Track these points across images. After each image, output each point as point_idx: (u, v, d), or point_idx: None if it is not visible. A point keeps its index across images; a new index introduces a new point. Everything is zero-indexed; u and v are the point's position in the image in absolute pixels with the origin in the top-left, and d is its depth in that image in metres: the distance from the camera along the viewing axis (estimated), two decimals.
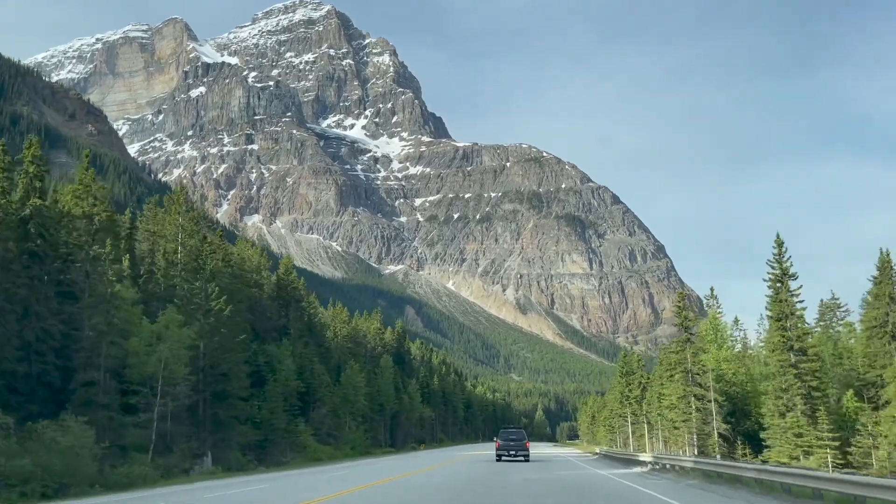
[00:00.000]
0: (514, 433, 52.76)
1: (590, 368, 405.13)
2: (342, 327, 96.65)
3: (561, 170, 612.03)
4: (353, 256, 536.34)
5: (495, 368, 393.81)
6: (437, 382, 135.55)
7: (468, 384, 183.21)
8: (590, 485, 29.61)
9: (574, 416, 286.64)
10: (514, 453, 49.98)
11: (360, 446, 74.69)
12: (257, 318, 65.59)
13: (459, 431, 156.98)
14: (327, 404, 70.11)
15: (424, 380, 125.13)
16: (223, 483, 33.73)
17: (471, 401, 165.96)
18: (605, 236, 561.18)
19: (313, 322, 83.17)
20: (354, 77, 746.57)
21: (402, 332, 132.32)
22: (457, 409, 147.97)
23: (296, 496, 24.94)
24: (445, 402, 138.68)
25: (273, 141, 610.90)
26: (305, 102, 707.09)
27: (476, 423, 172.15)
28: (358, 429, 77.88)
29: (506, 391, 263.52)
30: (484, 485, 28.67)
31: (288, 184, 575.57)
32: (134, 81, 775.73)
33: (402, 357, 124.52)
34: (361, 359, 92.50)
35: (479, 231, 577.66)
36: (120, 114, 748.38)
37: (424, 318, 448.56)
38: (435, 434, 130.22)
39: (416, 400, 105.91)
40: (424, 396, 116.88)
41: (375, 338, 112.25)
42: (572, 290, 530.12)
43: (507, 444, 50.76)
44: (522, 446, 50.41)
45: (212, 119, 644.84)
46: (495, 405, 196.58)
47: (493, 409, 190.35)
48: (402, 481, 31.41)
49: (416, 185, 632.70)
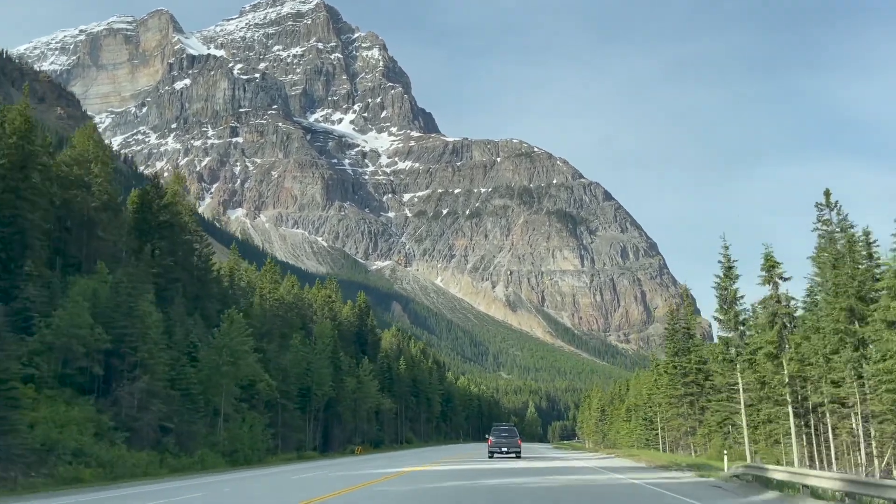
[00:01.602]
0: (507, 430, 53.43)
1: (581, 367, 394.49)
2: (271, 289, 75.75)
3: (552, 165, 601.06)
4: (340, 252, 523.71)
5: (484, 366, 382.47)
6: (405, 368, 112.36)
7: (450, 375, 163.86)
8: None
9: (567, 416, 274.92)
10: (506, 450, 50.83)
11: (249, 450, 49.53)
12: (73, 237, 47.36)
13: (435, 430, 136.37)
14: (157, 374, 42.06)
15: (385, 362, 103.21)
16: None
17: (451, 394, 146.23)
18: (597, 233, 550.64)
19: (209, 274, 63.04)
20: (343, 71, 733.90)
21: (366, 308, 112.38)
22: (432, 402, 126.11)
23: None
24: (416, 393, 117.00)
25: (258, 134, 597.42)
26: (293, 96, 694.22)
27: (457, 421, 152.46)
28: (248, 423, 51.41)
29: (494, 388, 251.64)
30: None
31: (273, 177, 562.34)
32: (118, 74, 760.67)
33: (364, 338, 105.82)
34: (300, 333, 71.54)
35: (469, 227, 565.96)
36: (103, 106, 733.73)
37: (411, 314, 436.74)
38: (400, 432, 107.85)
39: (369, 386, 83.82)
40: (386, 384, 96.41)
41: (322, 308, 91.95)
42: (563, 287, 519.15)
43: (499, 441, 51.44)
44: (514, 443, 51.35)
45: (196, 111, 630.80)
46: (481, 400, 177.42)
47: (479, 405, 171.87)
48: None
49: (405, 180, 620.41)
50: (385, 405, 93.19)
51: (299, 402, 66.14)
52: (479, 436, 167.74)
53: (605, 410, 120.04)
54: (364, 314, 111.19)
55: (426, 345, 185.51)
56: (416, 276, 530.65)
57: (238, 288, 68.34)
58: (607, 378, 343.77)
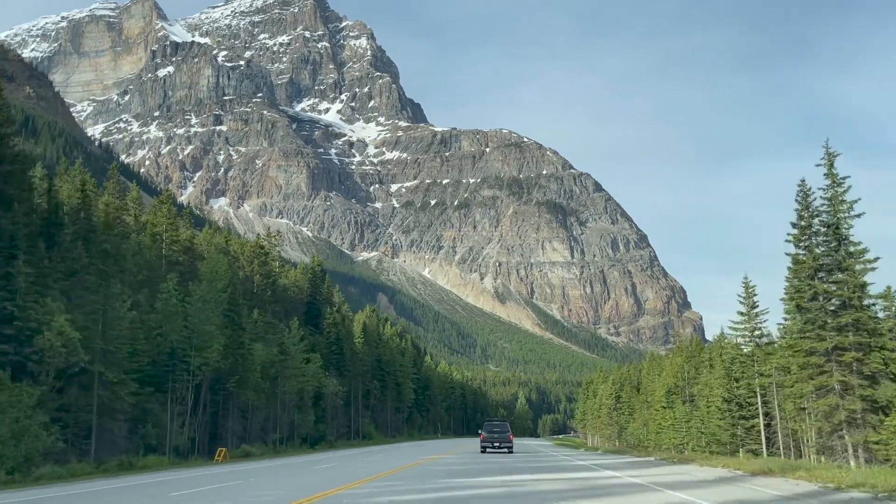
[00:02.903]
0: (499, 426, 54.64)
1: (571, 360, 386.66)
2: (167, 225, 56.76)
3: (542, 155, 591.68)
4: (325, 242, 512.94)
5: (471, 359, 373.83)
6: (361, 342, 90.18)
7: (428, 359, 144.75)
8: None
9: (558, 409, 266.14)
10: (498, 445, 51.78)
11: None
12: None
13: (407, 422, 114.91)
14: None
15: (333, 333, 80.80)
16: None
17: (429, 380, 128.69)
18: (587, 224, 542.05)
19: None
20: (330, 60, 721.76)
21: (321, 273, 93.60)
22: (403, 388, 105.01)
23: None
24: (382, 376, 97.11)
25: (242, 122, 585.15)
26: (279, 85, 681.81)
27: (435, 412, 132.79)
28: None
29: (482, 380, 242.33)
30: None
31: (257, 166, 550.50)
32: (100, 61, 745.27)
33: (318, 309, 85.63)
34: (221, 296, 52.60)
35: (457, 218, 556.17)
36: (85, 94, 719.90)
37: (398, 305, 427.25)
38: (355, 425, 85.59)
39: (298, 359, 63.27)
40: (333, 360, 76.49)
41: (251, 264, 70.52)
42: (552, 278, 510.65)
43: (491, 436, 52.31)
44: (506, 438, 52.31)
45: (179, 99, 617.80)
46: (465, 389, 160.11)
47: (462, 395, 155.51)
48: None
49: (393, 171, 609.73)
50: (330, 387, 71.70)
51: (157, 375, 45.78)
52: (462, 430, 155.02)
53: (620, 397, 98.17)
54: (318, 280, 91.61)
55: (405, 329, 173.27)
56: (402, 268, 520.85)
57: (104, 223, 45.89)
58: (598, 371, 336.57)
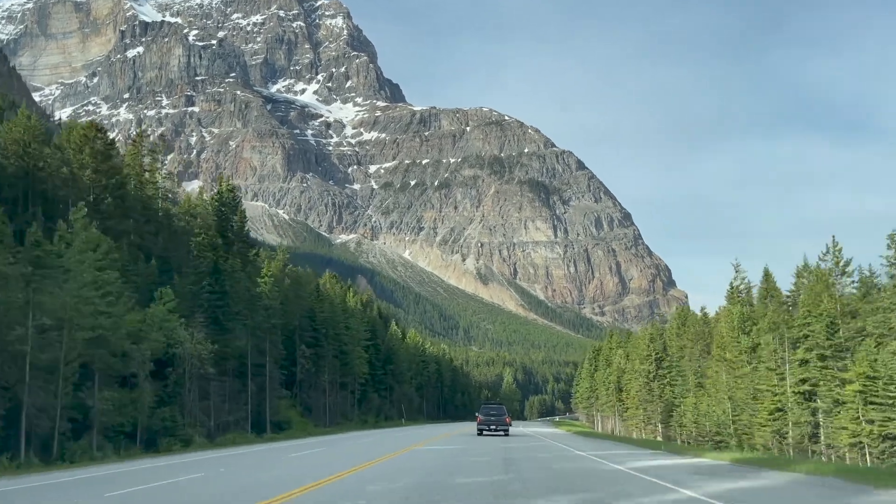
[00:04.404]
0: (496, 409, 54.68)
1: (556, 340, 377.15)
2: None
3: (523, 134, 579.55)
4: (302, 225, 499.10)
5: (454, 340, 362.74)
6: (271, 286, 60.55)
7: (394, 327, 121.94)
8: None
9: (545, 389, 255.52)
10: (494, 427, 51.45)
11: None
12: None
13: (358, 404, 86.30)
14: None
15: (203, 263, 53.17)
16: None
17: (393, 352, 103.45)
18: (570, 203, 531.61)
19: None
20: (305, 40, 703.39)
21: (231, 199, 64.87)
22: (350, 357, 78.20)
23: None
24: (315, 340, 71.28)
25: (215, 102, 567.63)
26: (253, 66, 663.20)
27: (401, 392, 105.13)
28: None
29: (464, 359, 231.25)
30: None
31: (231, 147, 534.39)
32: (68, 43, 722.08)
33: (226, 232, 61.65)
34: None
35: (438, 198, 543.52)
36: (53, 78, 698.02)
37: (377, 287, 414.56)
38: (260, 408, 56.48)
39: (86, 288, 33.07)
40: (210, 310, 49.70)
41: (80, 154, 48.29)
42: (536, 258, 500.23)
43: (488, 419, 52.04)
44: (502, 421, 52.13)
45: (149, 80, 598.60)
46: (441, 364, 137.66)
47: (438, 371, 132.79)
48: None
49: (371, 151, 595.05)
50: (185, 347, 42.79)
51: None
52: (438, 413, 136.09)
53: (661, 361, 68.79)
54: (228, 208, 64.07)
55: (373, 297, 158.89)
56: (382, 250, 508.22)
57: None
58: (583, 351, 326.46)
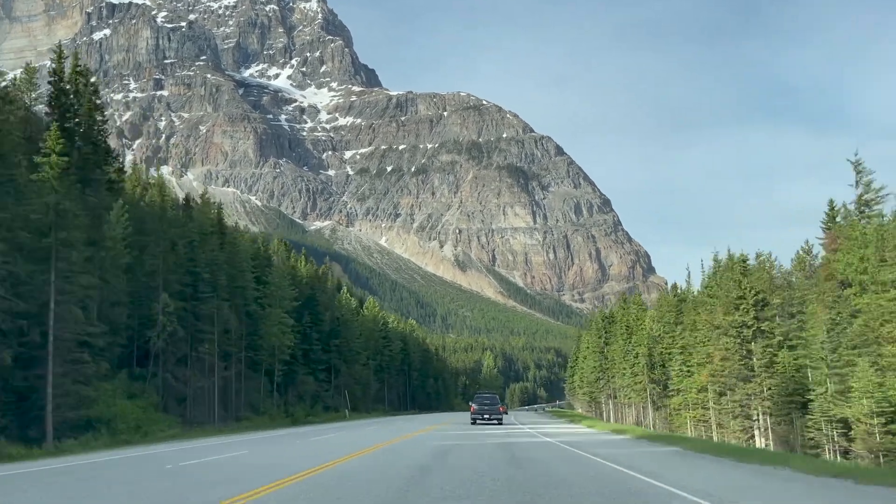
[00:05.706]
0: (489, 398, 54.09)
1: (535, 327, 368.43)
2: None
3: (502, 118, 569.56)
4: (275, 211, 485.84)
5: (431, 328, 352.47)
6: (121, 213, 40.39)
7: (346, 295, 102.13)
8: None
9: (526, 377, 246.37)
10: (488, 416, 51.01)
11: None
12: None
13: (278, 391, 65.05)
14: None
15: None
16: None
17: (342, 323, 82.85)
18: (549, 188, 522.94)
19: None
20: (279, 24, 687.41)
21: (79, 79, 42.03)
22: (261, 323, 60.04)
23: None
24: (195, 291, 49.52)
25: (185, 86, 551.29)
26: (225, 50, 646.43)
27: (352, 375, 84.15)
28: None
29: (440, 345, 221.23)
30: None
31: (201, 132, 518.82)
32: (33, 26, 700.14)
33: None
34: None
35: (415, 184, 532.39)
36: (18, 62, 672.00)
37: (352, 274, 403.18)
38: (49, 405, 28.95)
39: None
40: None
41: None
42: (514, 245, 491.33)
43: (482, 408, 51.61)
44: (496, 410, 51.93)
45: (116, 63, 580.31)
46: (408, 343, 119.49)
47: (404, 351, 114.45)
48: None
49: (346, 137, 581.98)
50: None
51: None
52: (402, 405, 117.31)
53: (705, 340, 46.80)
54: (74, 92, 40.60)
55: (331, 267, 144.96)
56: (358, 237, 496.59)
57: None
58: (564, 338, 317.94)
